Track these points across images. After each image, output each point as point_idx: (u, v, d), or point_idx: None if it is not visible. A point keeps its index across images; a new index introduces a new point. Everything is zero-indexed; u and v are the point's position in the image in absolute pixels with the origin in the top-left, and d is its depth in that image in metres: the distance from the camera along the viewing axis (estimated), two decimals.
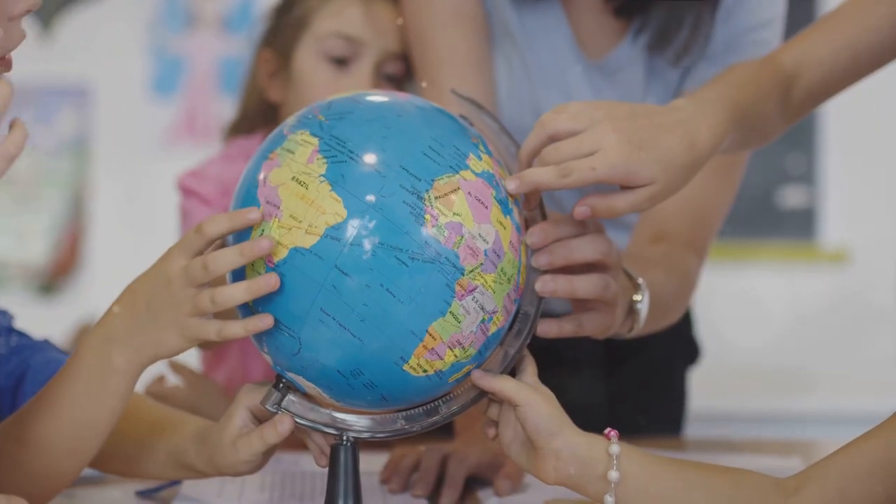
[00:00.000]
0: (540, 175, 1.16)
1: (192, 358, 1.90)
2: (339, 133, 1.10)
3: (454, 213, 1.09)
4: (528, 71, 1.58)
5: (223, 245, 1.14)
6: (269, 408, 1.16)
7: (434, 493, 1.37)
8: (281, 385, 1.16)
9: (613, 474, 1.13)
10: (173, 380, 1.66)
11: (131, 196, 3.63)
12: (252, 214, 1.10)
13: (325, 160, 1.09)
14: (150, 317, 1.12)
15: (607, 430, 1.14)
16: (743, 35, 1.56)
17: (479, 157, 1.13)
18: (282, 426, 1.16)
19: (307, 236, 1.08)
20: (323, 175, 1.08)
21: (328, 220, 1.08)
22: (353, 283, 1.07)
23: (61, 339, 2.73)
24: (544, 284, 1.18)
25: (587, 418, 1.75)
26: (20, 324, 1.44)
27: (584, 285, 1.20)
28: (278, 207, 1.09)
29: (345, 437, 1.16)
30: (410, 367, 1.10)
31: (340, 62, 1.67)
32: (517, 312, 1.17)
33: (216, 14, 3.66)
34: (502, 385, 1.15)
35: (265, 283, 1.08)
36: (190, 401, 1.60)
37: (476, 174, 1.12)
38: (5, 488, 1.18)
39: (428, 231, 1.08)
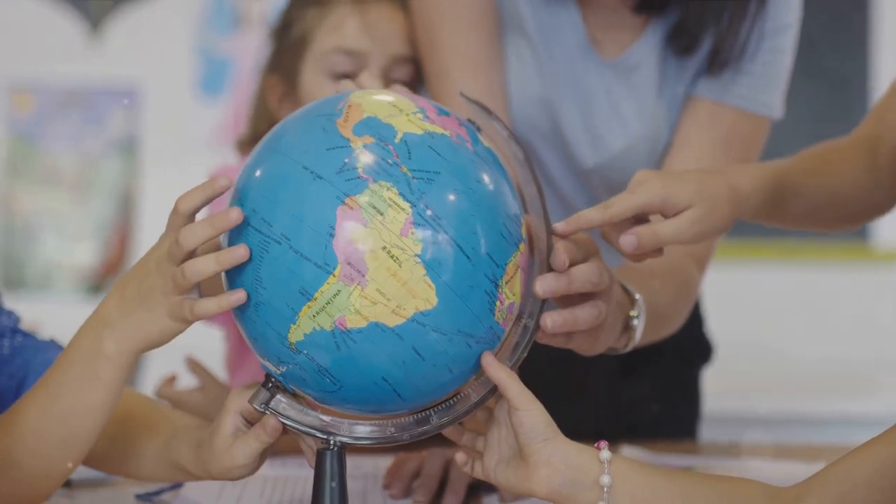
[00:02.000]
0: (587, 214, 1.20)
1: (216, 358, 1.90)
2: (432, 204, 1.06)
3: (513, 294, 1.11)
4: (541, 68, 1.55)
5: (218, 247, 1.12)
6: (258, 407, 1.14)
7: (436, 499, 1.34)
8: (270, 385, 1.14)
9: (605, 478, 1.11)
10: (187, 381, 1.64)
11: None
12: (221, 181, 1.10)
13: (420, 239, 1.05)
14: (139, 301, 1.12)
15: (597, 442, 1.13)
16: (760, 40, 1.52)
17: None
18: (270, 424, 1.14)
19: (393, 316, 1.05)
20: (418, 255, 1.05)
21: (418, 304, 1.06)
22: (424, 364, 1.08)
23: None
24: (553, 323, 1.16)
25: (599, 421, 1.74)
26: (71, 324, 1.43)
27: (585, 317, 1.19)
28: (363, 276, 1.04)
29: (332, 442, 1.14)
30: None
31: (346, 77, 1.64)
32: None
33: (263, 15, 3.66)
34: (508, 381, 1.13)
35: (235, 254, 1.08)
36: (202, 405, 1.58)
37: (524, 242, 1.13)
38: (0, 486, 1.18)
39: (495, 317, 1.10)
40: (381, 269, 1.04)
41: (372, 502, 1.34)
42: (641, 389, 1.78)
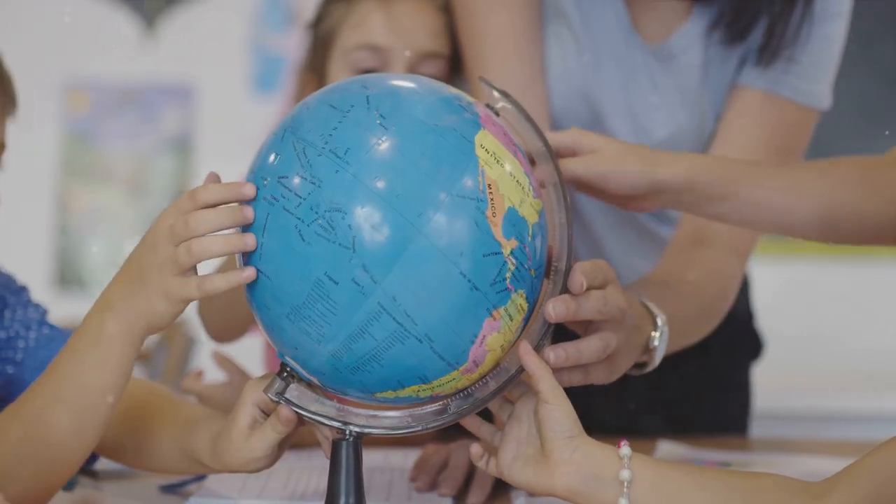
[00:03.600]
0: None
1: (253, 354, 1.88)
2: (532, 299, 1.12)
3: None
4: (582, 55, 1.52)
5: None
6: (272, 397, 1.12)
7: (462, 492, 1.32)
8: (284, 374, 1.12)
9: (625, 473, 1.08)
10: (214, 376, 1.63)
11: None
12: (246, 189, 1.08)
13: (522, 326, 1.11)
14: (140, 280, 1.11)
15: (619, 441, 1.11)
16: (810, 29, 1.48)
17: None
18: (284, 414, 1.12)
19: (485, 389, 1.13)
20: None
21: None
22: None
23: None
24: (557, 356, 1.14)
25: (642, 416, 1.71)
26: None
27: (589, 350, 1.17)
28: (478, 367, 1.10)
29: (348, 432, 1.12)
30: None
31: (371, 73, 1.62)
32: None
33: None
34: (543, 374, 1.11)
35: (242, 241, 1.06)
36: (229, 399, 1.56)
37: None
38: (12, 475, 1.17)
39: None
40: (492, 361, 1.11)
41: (397, 495, 1.31)
42: (686, 385, 1.75)
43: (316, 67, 1.66)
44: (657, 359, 1.29)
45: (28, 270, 1.16)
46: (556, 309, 1.13)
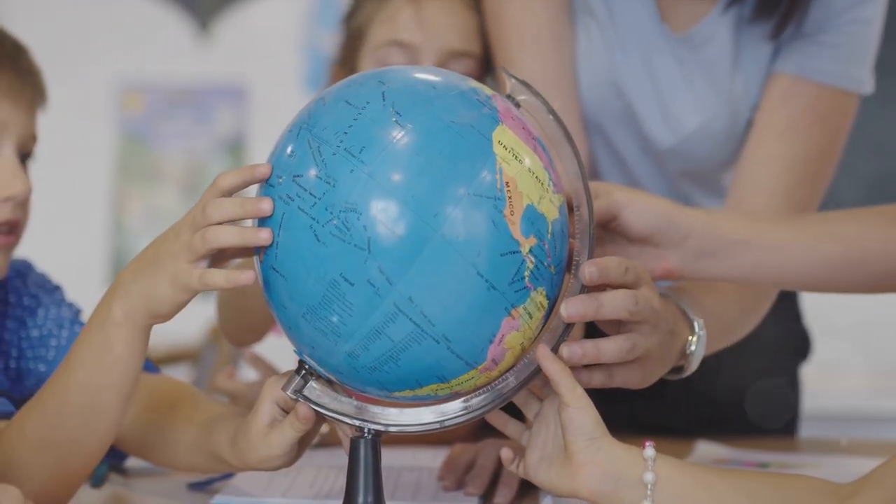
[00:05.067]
0: None
1: (287, 354, 1.88)
2: (553, 296, 1.10)
3: None
4: (609, 45, 1.50)
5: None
6: (290, 394, 1.11)
7: (489, 492, 1.30)
8: (303, 371, 1.12)
9: (649, 476, 1.07)
10: (247, 375, 1.62)
11: None
12: (262, 168, 1.07)
13: (542, 324, 1.10)
14: (152, 265, 1.10)
15: (644, 441, 1.09)
16: (842, 12, 1.45)
17: None
18: (301, 411, 1.12)
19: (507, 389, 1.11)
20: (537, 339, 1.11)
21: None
22: None
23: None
24: (572, 352, 1.10)
25: (683, 418, 1.68)
26: (180, 321, 1.43)
27: (610, 349, 1.13)
28: (497, 365, 1.08)
29: (366, 430, 1.11)
30: None
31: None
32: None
33: None
34: (561, 376, 1.09)
35: (256, 234, 1.05)
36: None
37: None
38: (32, 471, 1.17)
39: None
40: (511, 358, 1.08)
41: (423, 494, 1.30)
42: (730, 385, 1.72)
43: (347, 62, 1.66)
44: (694, 364, 1.26)
45: (84, 269, 1.17)
46: (570, 308, 1.09)
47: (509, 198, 1.04)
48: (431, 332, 1.03)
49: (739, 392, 1.71)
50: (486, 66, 1.60)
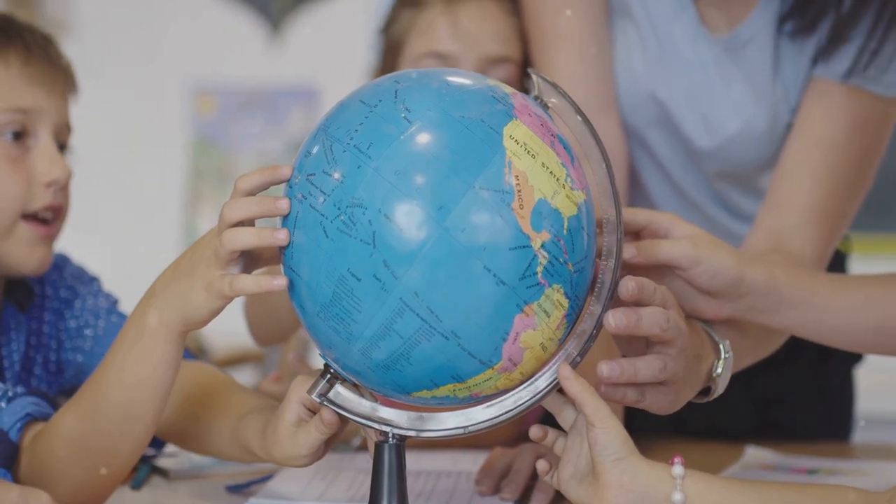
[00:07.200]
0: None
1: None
2: (582, 295, 1.08)
3: None
4: (647, 48, 1.48)
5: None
6: (315, 398, 1.11)
7: (525, 497, 1.29)
8: (328, 375, 1.11)
9: (678, 496, 1.05)
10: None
11: None
12: (282, 170, 1.08)
13: (566, 325, 1.08)
14: (189, 272, 1.11)
15: (672, 457, 1.07)
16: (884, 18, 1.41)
17: None
18: (325, 416, 1.11)
19: (523, 391, 1.09)
20: (560, 340, 1.08)
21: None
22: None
23: None
24: (611, 370, 1.10)
25: (733, 424, 1.65)
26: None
27: (646, 369, 1.12)
28: (516, 366, 1.06)
29: (391, 435, 1.10)
30: None
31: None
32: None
33: None
34: (585, 396, 1.07)
35: (272, 234, 1.06)
36: None
37: None
38: (67, 471, 1.18)
39: None
40: (532, 359, 1.06)
41: (458, 498, 1.29)
42: (780, 390, 1.69)
43: (387, 72, 1.65)
44: (721, 386, 1.25)
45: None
46: (616, 318, 1.09)
47: (518, 191, 1.02)
48: (439, 328, 1.02)
49: (792, 395, 1.68)
50: (526, 71, 1.59)
